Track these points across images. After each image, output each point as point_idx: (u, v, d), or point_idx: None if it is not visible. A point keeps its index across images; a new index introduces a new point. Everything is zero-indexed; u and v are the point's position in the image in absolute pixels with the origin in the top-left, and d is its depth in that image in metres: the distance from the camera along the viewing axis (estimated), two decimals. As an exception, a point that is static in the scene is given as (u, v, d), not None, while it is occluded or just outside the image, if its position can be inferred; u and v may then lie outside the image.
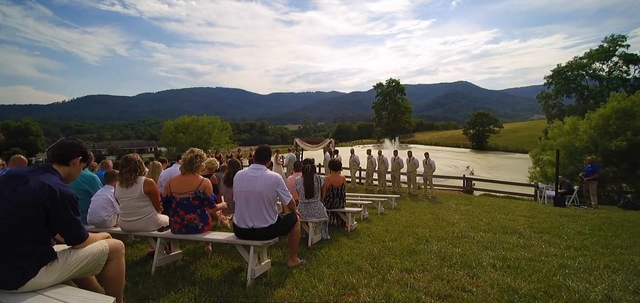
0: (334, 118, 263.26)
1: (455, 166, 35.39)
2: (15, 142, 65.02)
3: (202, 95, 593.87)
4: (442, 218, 7.68)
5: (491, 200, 12.57)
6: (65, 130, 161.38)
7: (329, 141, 17.17)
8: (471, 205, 10.86)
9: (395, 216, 7.80)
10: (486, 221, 7.51)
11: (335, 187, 5.80)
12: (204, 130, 32.90)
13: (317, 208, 4.76)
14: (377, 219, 7.27)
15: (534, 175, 20.35)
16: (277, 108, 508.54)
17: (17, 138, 68.77)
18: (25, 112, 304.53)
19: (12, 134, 69.67)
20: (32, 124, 77.59)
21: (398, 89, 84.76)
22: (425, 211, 8.92)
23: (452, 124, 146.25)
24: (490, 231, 6.25)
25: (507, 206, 10.70)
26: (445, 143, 77.26)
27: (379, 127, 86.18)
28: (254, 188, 3.29)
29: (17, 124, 75.71)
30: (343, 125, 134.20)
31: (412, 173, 13.18)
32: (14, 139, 67.33)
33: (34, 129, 75.09)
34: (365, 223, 6.62)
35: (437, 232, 5.93)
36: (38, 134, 76.05)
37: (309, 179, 4.74)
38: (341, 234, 5.47)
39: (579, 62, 46.80)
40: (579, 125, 18.00)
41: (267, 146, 3.59)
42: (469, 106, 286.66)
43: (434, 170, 12.85)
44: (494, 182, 16.50)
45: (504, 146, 67.06)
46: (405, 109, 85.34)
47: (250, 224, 3.28)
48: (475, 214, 8.68)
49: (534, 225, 7.11)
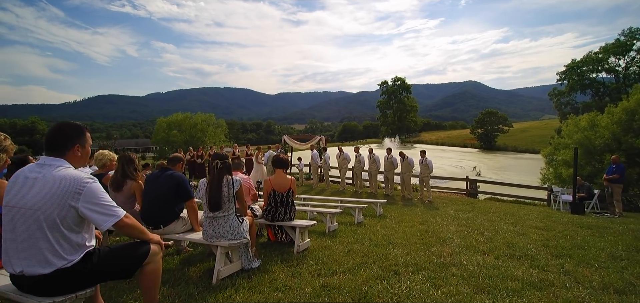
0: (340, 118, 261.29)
1: (460, 167, 33.52)
2: (21, 140, 65.54)
3: (210, 95, 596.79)
4: (433, 231, 6.11)
5: (497, 206, 10.90)
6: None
7: (319, 138, 15.64)
8: (473, 211, 9.24)
9: (373, 228, 6.25)
10: (488, 235, 5.92)
11: (278, 193, 4.29)
12: (198, 128, 31.73)
13: (229, 225, 3.26)
14: (348, 232, 5.73)
15: (547, 177, 18.49)
16: (284, 108, 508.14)
17: (23, 136, 69.39)
18: (38, 111, 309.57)
19: (19, 133, 70.42)
20: (38, 123, 78.53)
21: (404, 87, 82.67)
22: (416, 220, 7.35)
23: (460, 124, 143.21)
24: (491, 252, 4.67)
25: (516, 214, 9.05)
26: (452, 143, 74.92)
27: (384, 126, 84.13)
28: (23, 202, 1.81)
29: (24, 122, 76.33)
30: (349, 125, 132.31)
31: (406, 174, 11.59)
32: (20, 137, 67.97)
33: (40, 128, 76.04)
34: (328, 239, 5.09)
35: (418, 255, 4.38)
36: (44, 133, 76.44)
37: (215, 182, 3.25)
38: (283, 257, 3.97)
39: (594, 56, 44.35)
40: (599, 120, 16.11)
41: (71, 124, 2.06)
42: (477, 106, 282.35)
43: (432, 171, 11.24)
44: (502, 184, 14.74)
45: (514, 146, 64.60)
46: (411, 108, 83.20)
47: (19, 268, 1.78)
48: (476, 224, 7.08)
49: (549, 241, 5.50)
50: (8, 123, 76.58)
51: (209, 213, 3.25)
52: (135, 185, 3.71)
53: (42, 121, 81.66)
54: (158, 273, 2.29)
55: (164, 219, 3.49)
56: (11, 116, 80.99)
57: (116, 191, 3.70)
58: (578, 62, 45.73)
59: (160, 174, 3.60)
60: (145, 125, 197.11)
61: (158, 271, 2.29)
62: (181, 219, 3.62)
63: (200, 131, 31.80)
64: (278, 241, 4.76)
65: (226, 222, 3.25)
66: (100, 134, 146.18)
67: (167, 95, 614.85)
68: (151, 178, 3.64)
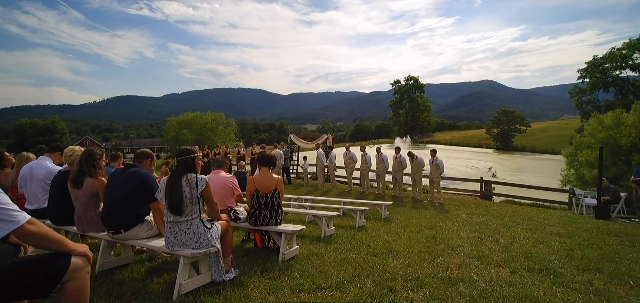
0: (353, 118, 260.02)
1: (475, 168, 32.41)
2: (41, 140, 67.66)
3: (224, 95, 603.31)
4: (441, 238, 5.53)
5: (514, 209, 10.16)
6: (95, 129, 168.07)
7: (326, 136, 15.14)
8: (487, 215, 8.57)
9: (375, 233, 5.72)
10: (503, 243, 5.31)
11: (262, 194, 3.82)
12: (207, 127, 31.74)
13: (193, 231, 2.80)
14: (346, 237, 5.22)
15: (568, 179, 17.46)
16: (297, 108, 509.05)
17: (43, 136, 71.62)
18: (60, 112, 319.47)
19: (40, 133, 72.80)
20: (58, 122, 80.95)
21: (417, 86, 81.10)
22: (423, 225, 6.77)
23: (475, 124, 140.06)
24: (507, 264, 4.08)
25: (535, 218, 8.34)
26: (467, 143, 73.05)
27: (397, 126, 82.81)
28: None
29: (44, 122, 78.91)
30: (361, 124, 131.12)
31: (416, 174, 10.96)
32: (40, 137, 70.26)
33: (59, 128, 78.45)
34: (321, 246, 4.59)
35: (421, 266, 3.84)
36: (64, 133, 79.59)
37: (174, 181, 2.79)
38: (265, 267, 3.50)
39: (617, 53, 42.28)
40: (625, 119, 15.04)
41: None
42: (493, 106, 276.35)
43: (443, 171, 10.58)
44: (519, 186, 13.90)
45: (531, 147, 62.52)
46: (424, 107, 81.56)
47: None
48: (490, 230, 6.46)
49: (574, 252, 4.85)
50: (29, 122, 79.13)
51: (170, 216, 2.81)
52: (97, 183, 3.31)
53: (61, 121, 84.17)
54: (83, 292, 1.86)
55: (124, 222, 3.07)
56: (34, 116, 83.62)
57: (75, 188, 3.31)
58: (601, 59, 43.73)
59: (123, 172, 3.19)
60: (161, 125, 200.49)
61: (83, 290, 1.85)
62: (146, 223, 3.19)
63: (210, 130, 31.77)
64: (266, 247, 4.30)
65: (189, 228, 2.79)
66: (118, 134, 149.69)
67: (183, 96, 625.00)
68: (113, 176, 3.23)
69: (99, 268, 3.28)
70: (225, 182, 4.12)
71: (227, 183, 4.12)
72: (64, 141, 78.04)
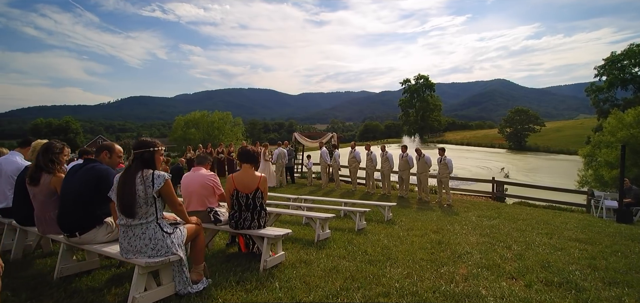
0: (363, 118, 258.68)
1: (487, 168, 31.50)
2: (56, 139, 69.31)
3: (234, 95, 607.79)
4: (448, 243, 5.05)
5: (528, 212, 9.55)
6: (108, 129, 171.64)
7: (331, 135, 14.69)
8: (499, 218, 8.02)
9: (375, 237, 5.27)
10: (517, 250, 4.80)
11: (243, 194, 3.42)
12: (214, 126, 31.69)
13: (149, 236, 2.42)
14: (342, 241, 4.79)
15: (585, 179, 16.61)
16: (306, 108, 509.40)
17: (58, 135, 73.43)
18: (75, 112, 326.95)
19: (54, 132, 74.69)
20: (72, 122, 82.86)
21: (427, 85, 79.79)
22: (428, 228, 6.29)
23: (487, 123, 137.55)
24: (521, 276, 3.60)
25: (551, 222, 7.76)
26: (478, 143, 71.54)
27: (406, 125, 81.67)
28: None
29: (58, 122, 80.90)
30: (370, 124, 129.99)
31: (423, 174, 10.44)
32: (55, 136, 71.80)
33: (73, 127, 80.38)
34: (313, 251, 4.17)
35: (421, 277, 3.39)
36: (77, 132, 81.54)
37: (126, 179, 2.41)
38: (243, 276, 3.10)
39: (636, 49, 40.63)
40: (648, 116, 14.20)
41: None
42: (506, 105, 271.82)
43: (451, 171, 10.03)
44: (533, 187, 13.21)
45: (546, 146, 60.79)
46: (435, 106, 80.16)
47: None
48: (502, 235, 5.94)
49: (596, 261, 4.32)
50: (44, 122, 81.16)
51: (122, 219, 2.43)
52: (54, 180, 2.97)
53: (75, 121, 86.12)
54: None
55: (80, 224, 2.72)
56: (50, 116, 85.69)
57: (32, 185, 2.97)
58: (619, 56, 42.12)
59: (81, 168, 2.83)
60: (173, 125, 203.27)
61: None
62: (105, 225, 2.83)
63: (217, 129, 31.69)
64: (250, 252, 3.90)
65: (144, 233, 2.41)
66: (131, 133, 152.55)
67: (194, 96, 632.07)
68: (70, 172, 2.88)
69: (57, 274, 2.94)
70: (205, 180, 3.74)
71: (207, 181, 3.74)
72: (78, 140, 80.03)
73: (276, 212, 5.29)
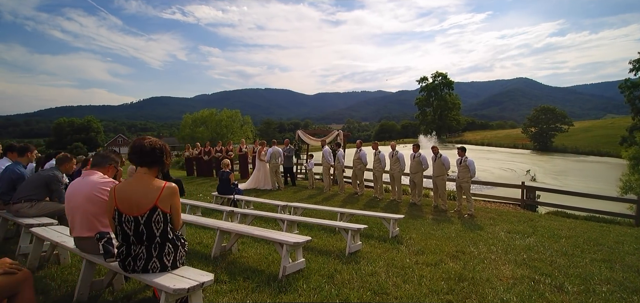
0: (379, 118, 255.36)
1: (511, 170, 29.22)
2: (78, 138, 71.36)
3: (251, 96, 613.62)
4: (472, 279, 3.58)
5: (569, 225, 7.84)
6: (131, 128, 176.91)
7: (337, 133, 13.28)
8: (535, 234, 6.42)
9: (369, 266, 3.85)
10: (573, 291, 3.30)
11: (128, 217, 2.10)
12: (222, 124, 30.84)
13: None
14: (321, 275, 3.41)
15: (629, 185, 14.48)
16: (322, 108, 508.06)
17: (80, 134, 75.55)
18: (100, 112, 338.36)
19: (76, 131, 76.89)
20: (93, 121, 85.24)
21: (445, 83, 76.76)
22: (445, 250, 4.81)
23: (508, 123, 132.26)
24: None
25: (602, 241, 6.12)
26: (500, 143, 68.12)
27: (423, 125, 78.86)
28: None
29: (80, 121, 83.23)
30: (386, 124, 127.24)
31: (439, 177, 8.87)
32: (77, 135, 74.31)
33: (95, 126, 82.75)
34: (270, 296, 2.80)
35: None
36: (98, 131, 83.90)
37: None
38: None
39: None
40: None
41: None
42: (529, 105, 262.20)
43: (474, 174, 8.43)
44: (571, 194, 11.31)
45: (574, 147, 57.08)
46: (453, 105, 76.99)
47: None
48: (545, 263, 4.42)
49: None
50: (67, 121, 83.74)
51: None
52: None
53: (97, 120, 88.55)
54: None
55: None
56: (77, 116, 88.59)
57: None
58: (659, 49, 38.64)
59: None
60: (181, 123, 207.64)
61: None
62: None
63: (225, 127, 30.81)
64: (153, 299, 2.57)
65: None
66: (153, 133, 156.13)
67: (213, 96, 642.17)
68: None
69: None
70: (94, 191, 2.44)
71: (96, 192, 2.43)
72: (99, 139, 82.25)
73: (237, 231, 3.94)
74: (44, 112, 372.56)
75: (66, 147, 56.14)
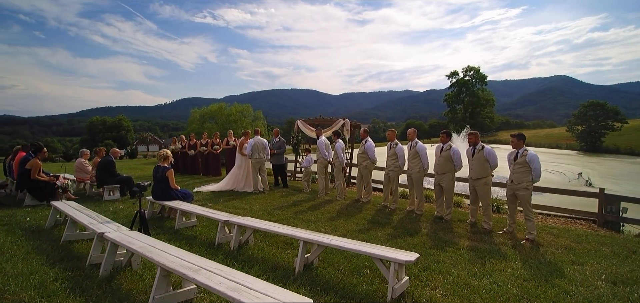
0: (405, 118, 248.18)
1: (560, 173, 25.07)
2: (109, 136, 73.95)
3: (278, 96, 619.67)
4: None
5: None
6: (163, 128, 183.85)
7: (342, 121, 10.56)
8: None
9: None
10: None
11: None
12: (230, 119, 29.05)
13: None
14: None
15: None
16: (348, 108, 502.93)
17: (111, 132, 78.59)
18: (136, 113, 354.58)
19: (108, 129, 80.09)
20: (124, 120, 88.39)
21: (477, 77, 70.89)
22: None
23: (547, 123, 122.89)
24: None
25: None
26: (539, 143, 61.97)
27: (453, 123, 73.39)
28: None
29: (112, 120, 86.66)
30: (413, 123, 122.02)
31: (481, 180, 5.93)
32: (109, 133, 77.36)
33: (125, 125, 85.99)
34: None
35: None
36: (128, 129, 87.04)
37: None
38: None
39: None
40: None
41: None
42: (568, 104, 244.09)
43: (538, 178, 5.43)
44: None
45: (628, 148, 50.51)
46: (487, 101, 70.95)
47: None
48: None
49: None
50: (100, 120, 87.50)
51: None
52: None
53: (127, 119, 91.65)
54: None
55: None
56: (116, 116, 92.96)
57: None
58: None
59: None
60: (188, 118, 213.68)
61: None
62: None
63: (234, 122, 28.92)
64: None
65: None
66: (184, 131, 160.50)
67: (241, 97, 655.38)
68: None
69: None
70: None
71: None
72: (129, 137, 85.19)
73: None
74: (86, 112, 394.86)
75: (97, 144, 58.31)
